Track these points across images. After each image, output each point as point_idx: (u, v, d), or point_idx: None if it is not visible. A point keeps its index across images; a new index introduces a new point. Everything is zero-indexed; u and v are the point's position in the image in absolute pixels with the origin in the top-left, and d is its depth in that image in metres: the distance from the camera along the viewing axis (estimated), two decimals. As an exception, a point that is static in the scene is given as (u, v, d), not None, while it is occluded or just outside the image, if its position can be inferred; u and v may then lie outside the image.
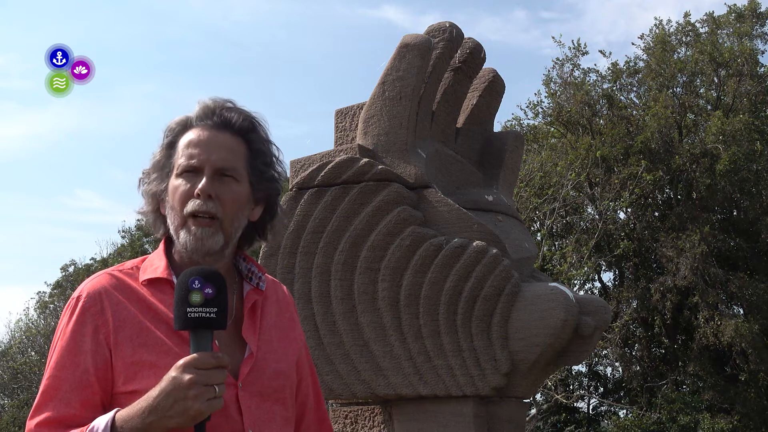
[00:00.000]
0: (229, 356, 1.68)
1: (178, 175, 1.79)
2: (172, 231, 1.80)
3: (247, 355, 1.79)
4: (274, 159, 1.89)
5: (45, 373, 1.75)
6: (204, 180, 1.76)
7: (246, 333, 1.80)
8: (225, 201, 1.77)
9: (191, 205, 1.75)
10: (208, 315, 1.60)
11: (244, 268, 1.90)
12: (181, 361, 1.58)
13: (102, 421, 1.62)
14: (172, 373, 1.57)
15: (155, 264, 1.83)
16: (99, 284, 1.78)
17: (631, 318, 17.05)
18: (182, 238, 1.76)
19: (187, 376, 1.55)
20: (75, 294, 1.80)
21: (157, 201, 1.84)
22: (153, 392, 1.59)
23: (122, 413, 1.62)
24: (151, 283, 1.79)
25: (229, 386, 1.70)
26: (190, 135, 1.82)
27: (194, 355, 1.58)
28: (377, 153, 3.74)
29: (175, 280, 1.78)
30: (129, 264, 1.86)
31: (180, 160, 1.80)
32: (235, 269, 1.89)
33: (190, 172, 1.78)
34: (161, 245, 1.87)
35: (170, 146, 1.84)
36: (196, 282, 1.61)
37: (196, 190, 1.75)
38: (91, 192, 43.92)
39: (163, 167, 1.83)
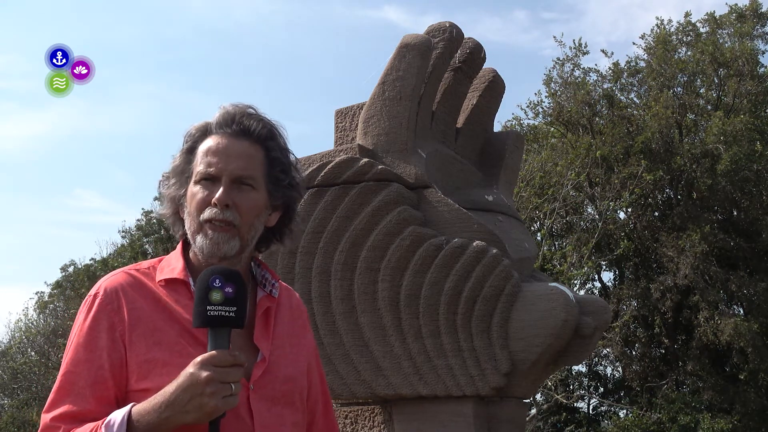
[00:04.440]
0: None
1: (196, 182, 1.81)
2: (189, 235, 1.83)
3: (259, 359, 1.81)
4: (291, 166, 1.90)
5: (61, 369, 1.77)
6: (221, 189, 1.78)
7: (258, 339, 1.82)
8: (242, 209, 1.79)
9: (208, 213, 1.78)
10: (227, 314, 1.62)
11: (258, 274, 1.92)
12: (198, 358, 1.60)
13: (118, 415, 1.64)
14: (190, 369, 1.59)
15: (172, 264, 1.85)
16: (116, 282, 1.81)
17: (631, 318, 17.05)
18: (198, 242, 1.79)
19: (204, 373, 1.57)
20: (92, 291, 1.82)
21: (176, 204, 1.87)
22: (170, 387, 1.61)
23: (138, 408, 1.64)
24: (168, 283, 1.82)
25: (241, 387, 1.71)
26: (209, 142, 1.83)
27: (212, 352, 1.60)
28: (377, 153, 3.74)
29: (191, 282, 1.80)
30: (146, 264, 1.89)
31: (198, 167, 1.82)
32: (250, 274, 1.91)
33: (208, 180, 1.80)
34: (179, 246, 1.89)
35: (190, 152, 1.86)
36: (217, 281, 1.63)
37: (213, 200, 1.77)
38: (91, 192, 43.91)
39: (182, 172, 1.85)
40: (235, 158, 1.80)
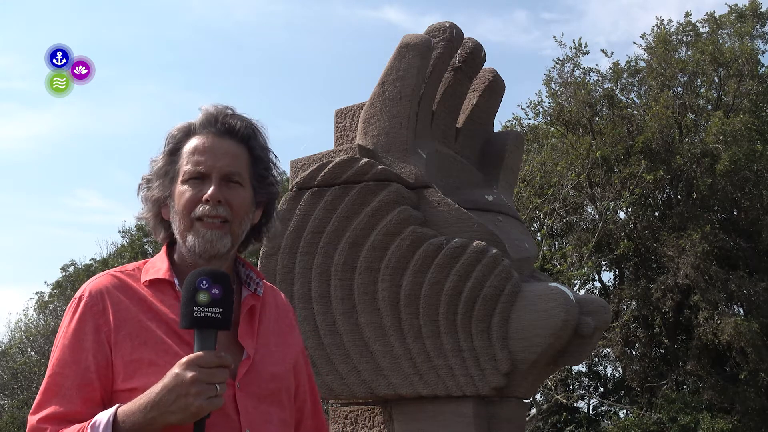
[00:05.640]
0: None
1: (184, 182, 1.83)
2: (177, 235, 1.83)
3: (244, 358, 1.81)
4: (272, 164, 1.94)
5: (47, 370, 1.78)
6: (213, 186, 1.80)
7: (242, 338, 1.83)
8: (233, 205, 1.81)
9: (200, 210, 1.79)
10: (213, 315, 1.63)
11: (243, 273, 1.93)
12: (184, 359, 1.60)
13: (104, 416, 1.65)
14: (176, 369, 1.60)
15: (157, 266, 1.86)
16: (101, 284, 1.82)
17: (631, 318, 17.05)
18: (190, 241, 1.80)
19: (189, 374, 1.58)
20: (78, 294, 1.83)
21: (158, 206, 1.88)
22: (155, 388, 1.61)
23: (124, 408, 1.65)
24: (153, 284, 1.82)
25: (227, 386, 1.72)
26: (195, 142, 1.85)
27: (198, 353, 1.61)
28: (377, 153, 3.74)
29: (176, 282, 1.81)
30: (131, 266, 1.90)
31: (186, 166, 1.83)
32: (235, 273, 1.92)
33: (197, 179, 1.82)
34: (163, 248, 1.90)
35: (173, 153, 1.87)
36: (204, 282, 1.64)
37: (205, 196, 1.79)
38: (91, 192, 43.93)
39: (166, 173, 1.86)
40: (222, 156, 1.83)
